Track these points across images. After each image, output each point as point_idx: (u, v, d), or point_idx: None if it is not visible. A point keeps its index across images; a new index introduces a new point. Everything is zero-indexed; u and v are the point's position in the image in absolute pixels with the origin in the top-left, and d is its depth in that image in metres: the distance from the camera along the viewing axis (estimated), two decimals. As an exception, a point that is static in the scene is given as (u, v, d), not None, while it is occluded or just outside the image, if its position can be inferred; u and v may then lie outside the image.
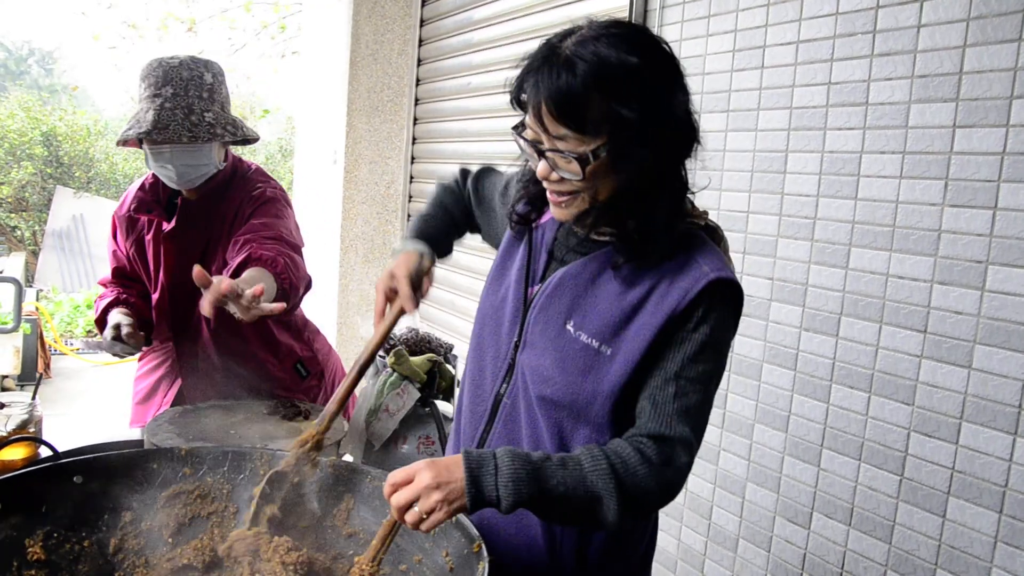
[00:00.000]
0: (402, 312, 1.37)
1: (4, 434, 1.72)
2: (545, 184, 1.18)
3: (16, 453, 1.65)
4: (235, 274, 1.78)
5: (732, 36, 2.19)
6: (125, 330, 1.97)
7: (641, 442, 1.14)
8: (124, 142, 2.02)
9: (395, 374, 2.31)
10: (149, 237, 2.16)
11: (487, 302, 1.38)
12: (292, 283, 1.86)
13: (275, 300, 1.73)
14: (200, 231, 2.11)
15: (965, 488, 1.67)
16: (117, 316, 2.02)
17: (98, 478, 1.36)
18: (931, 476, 1.74)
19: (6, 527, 1.24)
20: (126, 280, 2.25)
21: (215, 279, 1.38)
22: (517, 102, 1.17)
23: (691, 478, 2.34)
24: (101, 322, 2.13)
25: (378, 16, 4.02)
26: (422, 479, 1.07)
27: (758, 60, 2.12)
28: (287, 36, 10.09)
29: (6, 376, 5.73)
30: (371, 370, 2.64)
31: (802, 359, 2.01)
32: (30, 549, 1.26)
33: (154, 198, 2.14)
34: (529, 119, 1.14)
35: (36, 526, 1.28)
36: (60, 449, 1.65)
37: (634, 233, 1.17)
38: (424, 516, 1.07)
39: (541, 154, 1.14)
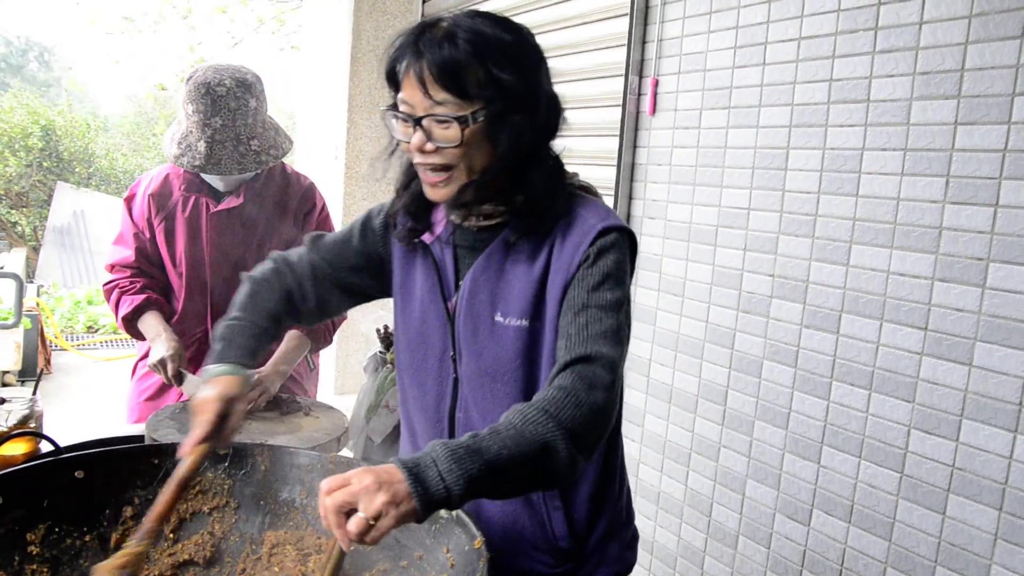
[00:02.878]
0: (205, 453, 1.26)
1: (5, 429, 1.72)
2: (419, 160, 1.21)
3: (17, 448, 1.65)
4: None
5: (733, 32, 2.19)
6: (171, 370, 2.04)
7: (561, 377, 1.12)
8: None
9: (395, 371, 2.31)
10: (185, 216, 2.20)
11: (405, 328, 1.38)
12: (324, 341, 2.29)
13: (300, 352, 2.20)
14: (249, 214, 2.23)
15: (965, 485, 1.68)
16: (166, 347, 2.06)
17: (99, 473, 1.36)
18: (931, 473, 1.74)
19: (7, 522, 1.24)
20: (147, 264, 2.25)
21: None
22: (391, 77, 1.21)
23: (691, 474, 2.34)
24: (131, 320, 2.18)
25: (379, 12, 4.02)
26: (361, 480, 0.98)
27: (759, 57, 2.11)
28: (286, 31, 10.07)
29: (7, 371, 5.73)
30: (371, 366, 2.65)
31: (803, 356, 2.01)
32: (31, 544, 1.26)
33: (199, 179, 2.22)
34: (405, 92, 1.17)
35: (37, 521, 1.28)
36: (61, 444, 1.66)
37: (522, 207, 1.22)
38: (371, 523, 0.96)
39: (417, 123, 1.17)
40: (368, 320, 2.58)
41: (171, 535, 1.38)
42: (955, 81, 1.70)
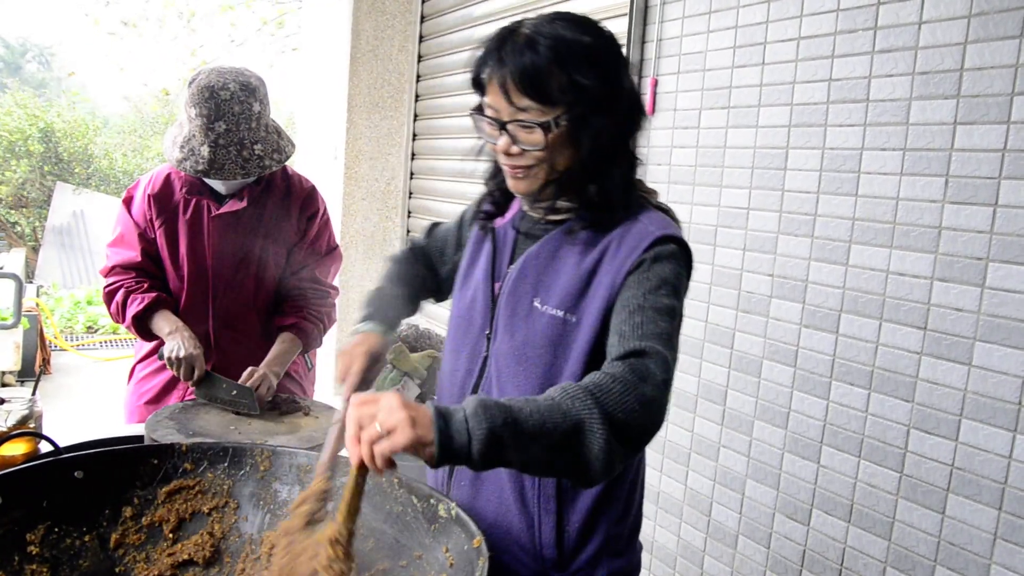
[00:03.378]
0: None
1: (4, 429, 1.72)
2: (505, 161, 1.25)
3: (17, 448, 1.65)
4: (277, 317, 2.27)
5: (733, 32, 2.19)
6: (198, 374, 2.04)
7: (611, 366, 1.09)
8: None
9: (395, 370, 2.31)
10: (186, 218, 2.19)
11: (457, 307, 1.43)
12: (316, 342, 2.31)
13: (291, 354, 2.21)
14: (251, 216, 2.22)
15: (964, 485, 1.68)
16: (190, 346, 2.06)
17: (99, 473, 1.35)
18: (930, 473, 1.74)
19: (7, 522, 1.24)
20: (152, 265, 2.24)
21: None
22: (476, 83, 1.26)
23: (691, 474, 2.34)
24: (141, 319, 2.16)
25: (378, 12, 4.02)
26: (389, 400, 0.98)
27: (759, 56, 2.11)
28: (286, 33, 10.07)
29: (6, 372, 5.73)
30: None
31: (802, 356, 2.01)
32: (31, 544, 1.26)
33: (201, 182, 2.21)
34: (490, 97, 1.22)
35: (37, 521, 1.28)
36: (61, 444, 1.65)
37: (595, 197, 1.25)
38: (384, 435, 0.96)
39: (503, 128, 1.21)
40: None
41: (170, 535, 1.38)
42: (954, 81, 1.70)
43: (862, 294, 1.87)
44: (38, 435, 1.65)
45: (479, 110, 1.26)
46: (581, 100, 1.18)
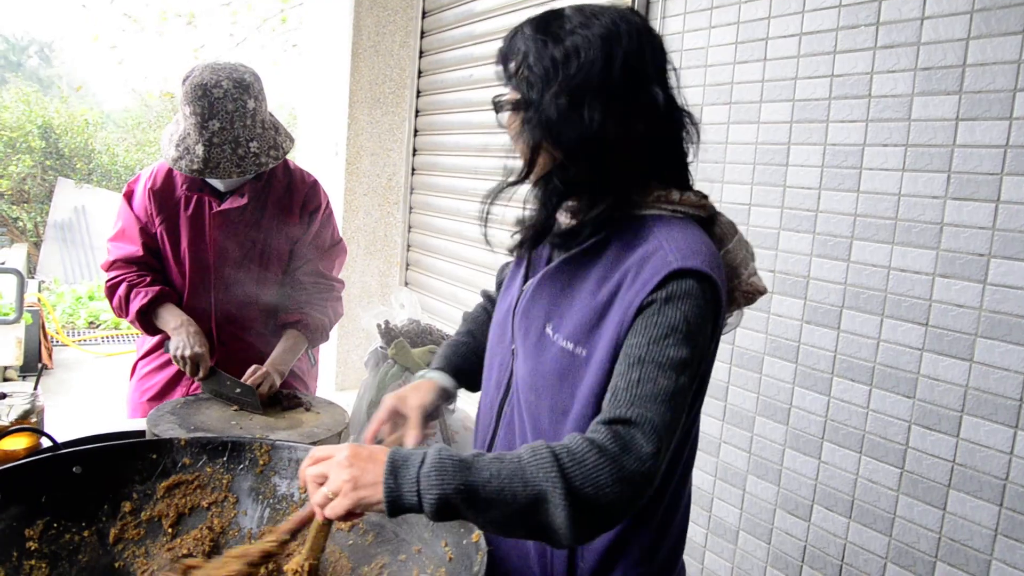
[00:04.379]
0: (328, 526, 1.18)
1: (6, 424, 1.73)
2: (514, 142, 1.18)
3: (17, 443, 1.65)
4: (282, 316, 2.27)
5: (734, 28, 2.18)
6: (203, 370, 2.05)
7: (595, 429, 1.00)
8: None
9: (396, 365, 2.31)
10: (187, 215, 2.19)
11: (496, 312, 1.37)
12: (322, 338, 2.31)
13: (297, 351, 2.22)
14: (253, 212, 2.22)
15: (965, 481, 1.67)
16: (196, 342, 2.06)
17: (98, 468, 1.36)
18: (932, 469, 1.74)
19: (6, 517, 1.24)
20: (154, 259, 2.24)
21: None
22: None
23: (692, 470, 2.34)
24: (145, 313, 2.16)
25: (380, 8, 4.01)
26: (339, 455, 0.97)
27: (760, 52, 2.11)
28: (288, 29, 10.06)
29: (8, 367, 5.74)
30: (372, 362, 2.65)
31: (803, 352, 2.01)
32: (30, 540, 1.26)
33: (202, 178, 2.19)
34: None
35: (36, 516, 1.28)
36: (60, 440, 1.66)
37: (588, 206, 1.14)
38: (330, 497, 0.96)
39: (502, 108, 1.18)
40: (369, 315, 2.58)
41: (169, 530, 1.38)
42: (956, 77, 1.69)
43: (863, 290, 1.87)
44: (38, 431, 1.65)
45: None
46: (548, 85, 1.09)
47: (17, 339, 5.73)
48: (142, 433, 1.84)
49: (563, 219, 1.19)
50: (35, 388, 1.93)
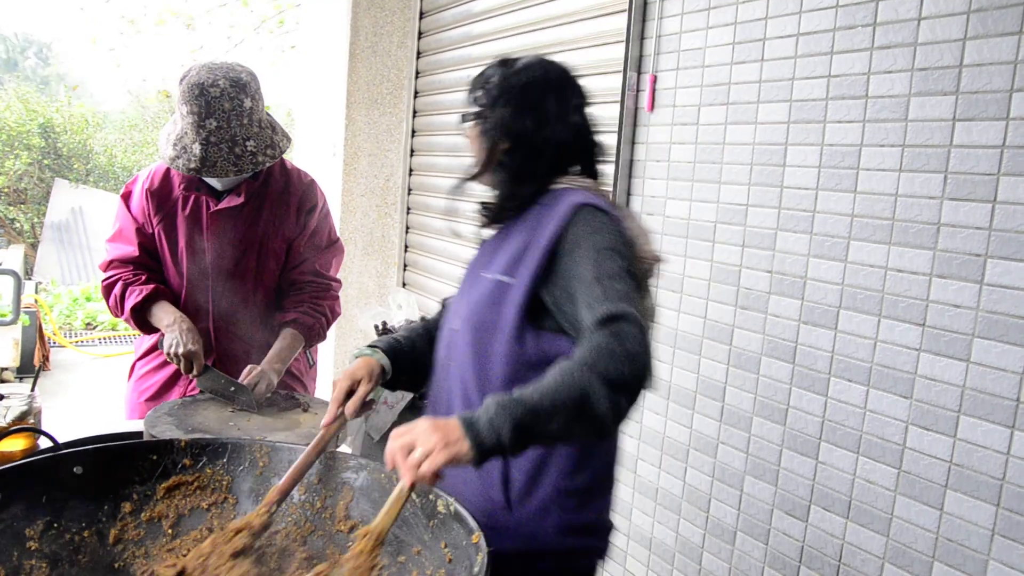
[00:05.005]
0: (345, 421, 1.49)
1: (4, 425, 1.72)
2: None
3: (16, 444, 1.65)
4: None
5: (732, 29, 2.19)
6: (197, 368, 2.06)
7: (592, 336, 1.21)
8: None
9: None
10: (185, 215, 2.19)
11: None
12: (319, 337, 2.31)
13: (294, 349, 2.22)
14: (250, 212, 2.22)
15: (963, 481, 1.68)
16: (189, 339, 2.07)
17: (98, 469, 1.36)
18: (929, 469, 1.74)
19: (6, 518, 1.24)
20: (150, 260, 2.24)
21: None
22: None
23: (690, 470, 2.34)
24: (140, 310, 2.16)
25: (377, 8, 4.01)
26: (420, 426, 1.16)
27: (758, 53, 2.11)
28: (286, 30, 10.05)
29: (5, 368, 5.73)
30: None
31: (800, 352, 2.02)
32: (30, 540, 1.26)
33: (199, 178, 2.20)
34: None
35: (36, 517, 1.28)
36: (60, 440, 1.66)
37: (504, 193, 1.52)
38: (423, 458, 1.13)
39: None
40: (366, 316, 2.58)
41: (169, 531, 1.38)
42: (953, 77, 1.70)
43: (861, 290, 1.88)
44: (37, 431, 1.65)
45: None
46: (494, 104, 1.49)
47: (14, 340, 5.73)
48: (141, 434, 1.84)
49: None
50: (32, 389, 1.93)
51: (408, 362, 1.59)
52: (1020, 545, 1.58)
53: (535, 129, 1.48)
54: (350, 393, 1.48)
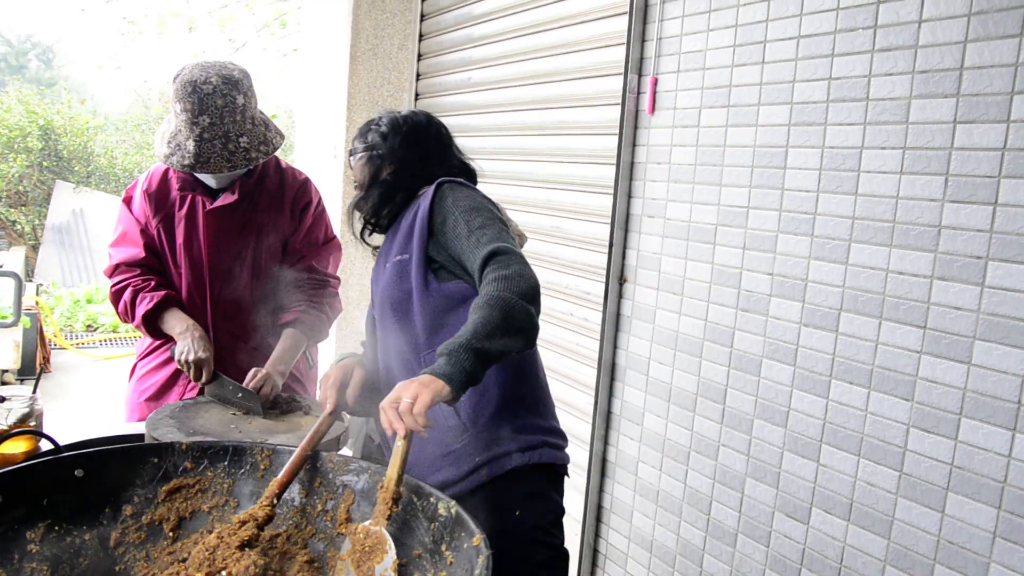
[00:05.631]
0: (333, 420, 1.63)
1: (5, 428, 1.72)
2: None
3: (17, 447, 1.65)
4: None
5: (733, 31, 2.19)
6: (206, 375, 2.07)
7: (486, 275, 1.50)
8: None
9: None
10: (182, 214, 2.20)
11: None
12: (322, 335, 2.35)
13: (297, 350, 2.25)
14: (245, 210, 2.24)
15: (964, 484, 1.68)
16: (201, 347, 2.08)
17: (99, 472, 1.36)
18: (930, 472, 1.74)
19: (7, 520, 1.24)
20: (156, 261, 2.25)
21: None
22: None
23: (690, 473, 2.34)
24: (151, 318, 2.16)
25: (378, 11, 4.01)
26: (399, 385, 1.35)
27: (759, 55, 2.11)
28: (287, 32, 10.06)
29: (6, 370, 5.73)
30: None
31: (802, 355, 2.01)
32: (31, 542, 1.26)
33: (194, 178, 2.22)
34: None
35: (37, 519, 1.28)
36: (61, 443, 1.66)
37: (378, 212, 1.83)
38: (412, 401, 1.29)
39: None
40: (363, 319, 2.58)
41: (170, 534, 1.38)
42: (954, 79, 1.70)
43: (862, 293, 1.88)
44: (38, 433, 1.65)
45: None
46: (370, 151, 1.84)
47: (15, 342, 5.73)
48: (142, 437, 1.84)
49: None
50: (34, 391, 1.93)
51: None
52: (1022, 548, 1.58)
53: (415, 153, 1.83)
54: (343, 384, 1.68)
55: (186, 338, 2.08)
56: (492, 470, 1.61)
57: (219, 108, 2.03)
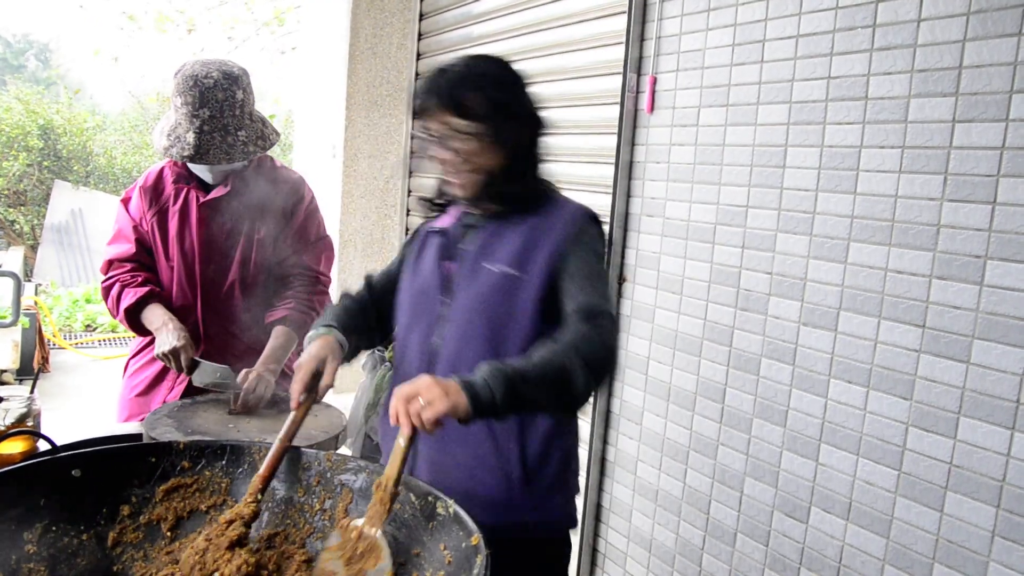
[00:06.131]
0: (314, 401, 1.52)
1: (2, 428, 1.72)
2: (446, 172, 1.55)
3: (15, 447, 1.65)
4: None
5: (731, 30, 2.19)
6: (184, 360, 2.08)
7: (578, 325, 1.39)
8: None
9: (393, 368, 2.31)
10: (176, 208, 2.24)
11: (409, 290, 1.67)
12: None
13: (287, 348, 2.24)
14: (237, 204, 2.26)
15: (963, 483, 1.68)
16: (176, 337, 2.08)
17: (96, 472, 1.35)
18: (929, 471, 1.74)
19: (4, 521, 1.24)
20: (147, 257, 2.28)
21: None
22: (416, 113, 1.58)
23: (689, 472, 2.34)
24: (133, 312, 2.19)
25: (377, 10, 4.01)
26: (423, 380, 1.26)
27: (757, 54, 2.11)
28: (286, 31, 10.05)
29: (5, 370, 5.73)
30: (369, 365, 2.64)
31: (801, 354, 2.01)
32: (28, 543, 1.26)
33: (188, 172, 2.27)
34: (431, 123, 1.54)
35: (34, 520, 1.28)
36: (59, 443, 1.65)
37: (517, 192, 1.58)
38: (427, 405, 1.22)
39: (442, 142, 1.52)
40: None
41: (168, 533, 1.38)
42: (953, 78, 1.70)
43: (861, 292, 1.87)
44: (36, 434, 1.65)
45: (423, 131, 1.55)
46: (496, 116, 1.50)
47: (14, 342, 5.73)
48: (139, 436, 1.84)
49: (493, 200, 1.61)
50: (32, 391, 1.93)
51: (358, 331, 1.67)
52: (1020, 547, 1.58)
53: (536, 125, 1.60)
54: (317, 375, 1.52)
55: (163, 331, 2.12)
56: (530, 534, 1.58)
57: (219, 102, 2.07)
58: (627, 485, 2.59)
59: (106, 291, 2.26)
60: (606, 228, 1.61)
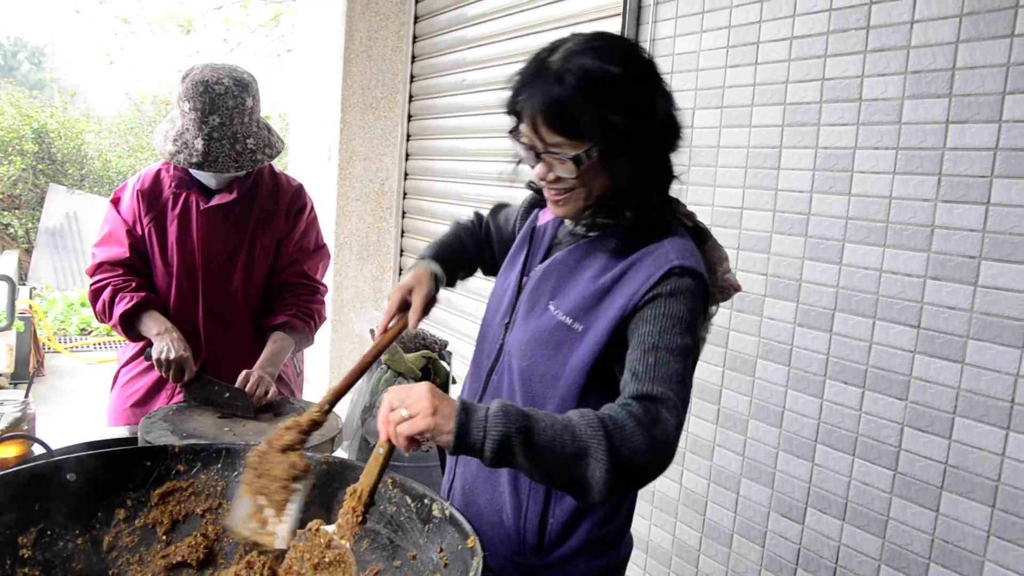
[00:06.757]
0: (404, 326, 1.46)
1: (-3, 432, 1.72)
2: (543, 184, 1.29)
3: (9, 451, 1.64)
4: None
5: (726, 32, 2.19)
6: (188, 374, 2.06)
7: (626, 403, 1.13)
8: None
9: (389, 371, 2.31)
10: (175, 213, 2.20)
11: (494, 291, 1.50)
12: (307, 341, 2.33)
13: (284, 353, 2.22)
14: (239, 211, 2.24)
15: (958, 483, 1.68)
16: (180, 347, 2.07)
17: (92, 476, 1.35)
18: (924, 471, 1.74)
19: (-1, 525, 1.24)
20: (140, 262, 2.23)
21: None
22: (512, 111, 1.27)
23: (686, 473, 2.34)
24: (129, 318, 2.14)
25: (372, 12, 4.01)
26: (420, 388, 1.11)
27: (752, 56, 2.12)
28: (281, 33, 10.04)
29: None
30: (366, 367, 2.63)
31: (796, 355, 2.02)
32: (23, 547, 1.25)
33: (190, 177, 2.23)
34: (524, 127, 1.25)
35: (29, 524, 1.27)
36: (54, 447, 1.65)
37: (632, 219, 1.27)
38: (407, 419, 1.08)
39: (538, 156, 1.25)
40: (362, 322, 2.58)
41: (164, 537, 1.38)
42: (946, 80, 1.70)
43: (855, 293, 1.88)
44: (31, 438, 1.65)
45: (517, 132, 1.28)
46: (610, 133, 1.19)
47: (8, 346, 5.71)
48: (134, 440, 1.83)
49: (598, 222, 1.33)
50: (26, 395, 1.92)
51: (458, 262, 1.60)
52: (1015, 546, 1.59)
53: (668, 139, 1.29)
54: (405, 305, 1.46)
55: (164, 339, 2.07)
56: None
57: (229, 109, 2.05)
58: (623, 487, 2.59)
59: (95, 294, 2.18)
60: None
